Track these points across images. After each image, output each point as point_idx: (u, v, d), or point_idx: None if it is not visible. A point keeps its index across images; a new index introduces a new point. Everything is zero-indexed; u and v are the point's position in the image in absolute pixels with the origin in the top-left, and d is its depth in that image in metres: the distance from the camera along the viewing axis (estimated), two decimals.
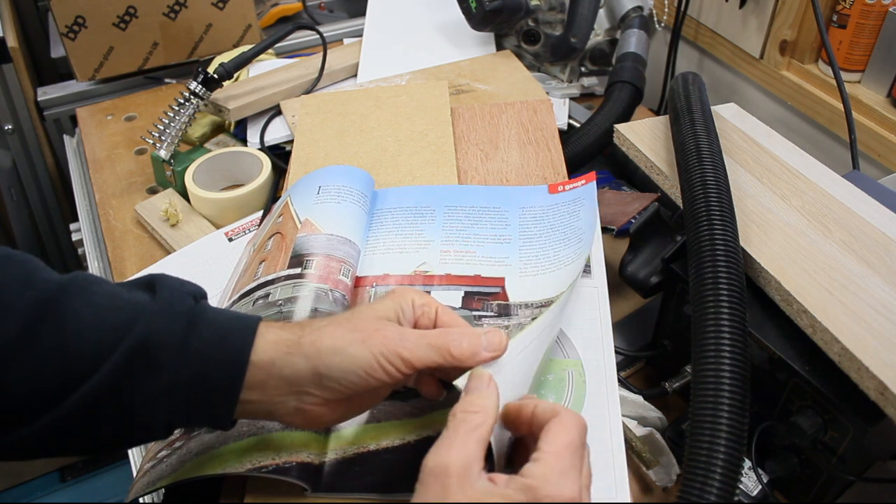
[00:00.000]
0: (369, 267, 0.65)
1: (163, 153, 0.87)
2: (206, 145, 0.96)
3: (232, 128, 0.99)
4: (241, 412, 0.44)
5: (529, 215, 0.70)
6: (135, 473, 0.58)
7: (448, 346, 0.44)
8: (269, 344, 0.43)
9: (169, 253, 0.80)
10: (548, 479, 0.37)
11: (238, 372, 0.42)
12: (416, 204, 0.72)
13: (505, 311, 0.61)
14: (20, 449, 0.41)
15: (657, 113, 1.13)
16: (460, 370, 0.45)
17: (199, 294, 0.45)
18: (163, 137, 0.87)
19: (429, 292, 0.62)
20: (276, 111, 0.98)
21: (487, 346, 0.45)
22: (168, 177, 0.89)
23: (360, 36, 1.15)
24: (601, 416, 0.53)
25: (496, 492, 0.37)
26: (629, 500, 0.48)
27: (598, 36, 1.03)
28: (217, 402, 0.43)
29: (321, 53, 1.04)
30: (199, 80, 0.88)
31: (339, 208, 0.67)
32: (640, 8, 0.99)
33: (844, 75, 0.87)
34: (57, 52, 1.23)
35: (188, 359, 0.42)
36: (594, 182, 0.70)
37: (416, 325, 0.47)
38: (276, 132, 0.95)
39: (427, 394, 0.49)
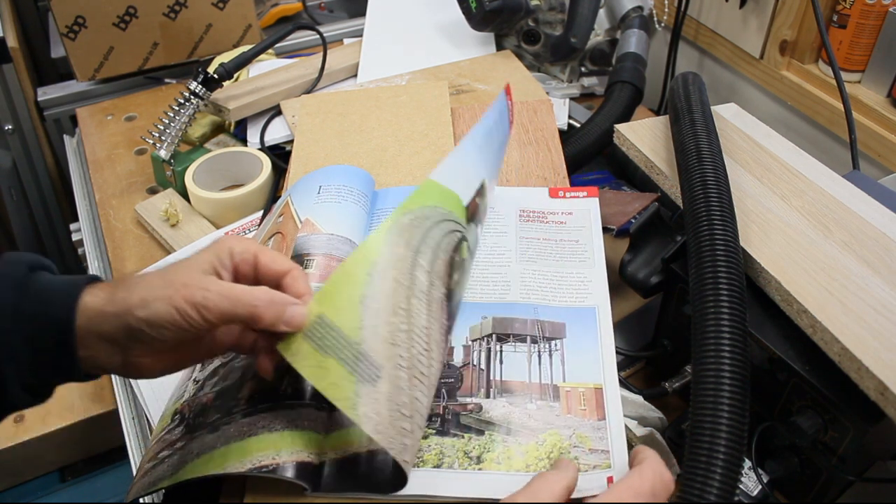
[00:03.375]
0: None
1: (163, 153, 0.87)
2: (206, 145, 0.96)
3: (232, 128, 0.99)
4: (88, 367, 0.46)
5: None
6: (135, 473, 0.57)
7: (252, 311, 0.45)
8: (88, 304, 0.45)
9: (169, 253, 0.80)
10: None
11: (66, 332, 0.44)
12: None
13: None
14: None
15: (657, 113, 1.13)
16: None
17: (39, 265, 0.47)
18: (163, 137, 0.87)
19: None
20: (276, 111, 0.98)
21: (288, 321, 0.45)
22: (168, 177, 0.89)
23: (360, 36, 1.15)
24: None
25: None
26: None
27: (598, 36, 1.03)
28: (58, 362, 0.45)
29: (321, 53, 1.04)
30: (199, 80, 0.88)
31: (339, 208, 0.67)
32: (640, 8, 0.99)
33: (844, 75, 0.87)
34: (57, 52, 1.23)
35: (22, 324, 0.43)
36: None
37: (236, 273, 0.48)
38: (276, 132, 0.95)
39: (259, 368, 0.49)
